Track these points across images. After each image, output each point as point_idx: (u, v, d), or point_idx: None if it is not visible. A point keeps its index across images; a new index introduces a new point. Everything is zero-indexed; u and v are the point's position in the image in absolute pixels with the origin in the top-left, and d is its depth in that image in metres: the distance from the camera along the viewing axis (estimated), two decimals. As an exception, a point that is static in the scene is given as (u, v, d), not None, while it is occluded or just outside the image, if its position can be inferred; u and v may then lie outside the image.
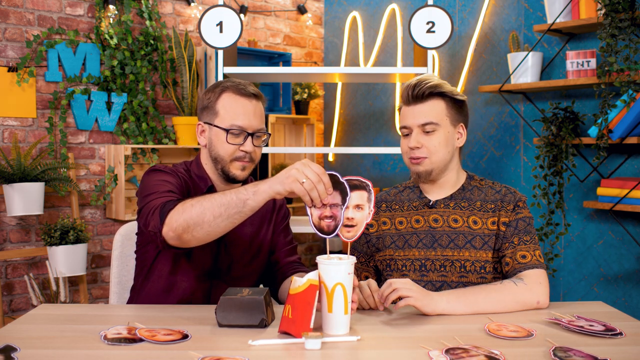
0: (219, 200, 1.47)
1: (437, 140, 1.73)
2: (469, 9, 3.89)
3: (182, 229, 1.49)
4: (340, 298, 1.37)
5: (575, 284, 3.35)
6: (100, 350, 1.29)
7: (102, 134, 3.76)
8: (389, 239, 1.82)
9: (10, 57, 3.43)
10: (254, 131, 1.74)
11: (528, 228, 1.74)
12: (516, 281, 1.63)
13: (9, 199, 3.19)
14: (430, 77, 1.75)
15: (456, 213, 1.77)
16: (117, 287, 1.98)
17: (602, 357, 1.23)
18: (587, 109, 3.26)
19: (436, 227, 1.76)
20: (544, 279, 1.66)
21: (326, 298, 1.38)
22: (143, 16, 3.86)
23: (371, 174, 4.57)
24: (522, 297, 1.60)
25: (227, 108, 1.73)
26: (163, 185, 1.66)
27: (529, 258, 1.70)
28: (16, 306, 3.46)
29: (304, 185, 1.40)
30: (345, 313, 1.39)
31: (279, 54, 4.50)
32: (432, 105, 1.73)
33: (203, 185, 1.78)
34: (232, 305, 1.43)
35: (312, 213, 1.44)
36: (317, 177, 1.40)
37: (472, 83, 3.84)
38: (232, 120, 1.72)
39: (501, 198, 1.77)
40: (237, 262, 1.81)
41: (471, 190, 1.80)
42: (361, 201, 1.43)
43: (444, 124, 1.74)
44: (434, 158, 1.73)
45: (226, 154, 1.73)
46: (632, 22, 2.81)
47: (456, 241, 1.74)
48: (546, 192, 3.20)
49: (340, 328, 1.40)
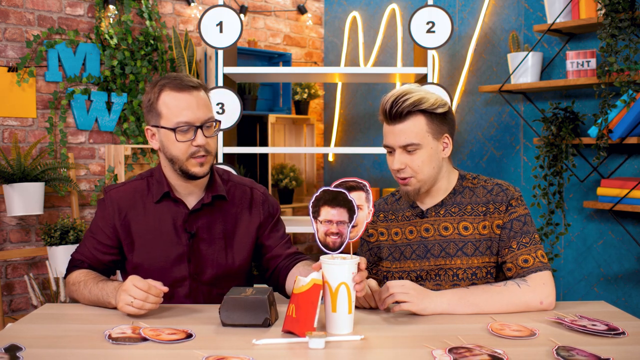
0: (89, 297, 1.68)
1: (420, 160, 1.66)
2: (469, 9, 3.89)
3: (70, 297, 1.79)
4: (345, 297, 1.38)
5: (575, 284, 3.36)
6: (105, 350, 1.29)
7: (102, 134, 3.76)
8: (386, 251, 1.81)
9: (10, 57, 3.43)
10: (202, 123, 1.68)
11: (525, 228, 1.67)
12: (519, 283, 1.61)
13: (9, 199, 3.19)
14: (407, 92, 1.66)
15: (447, 220, 1.73)
16: None
17: (605, 356, 1.23)
18: (587, 109, 3.27)
19: (427, 237, 1.74)
20: (549, 279, 1.62)
21: (330, 298, 1.39)
22: (143, 16, 3.86)
23: (371, 174, 4.57)
24: (524, 299, 1.58)
25: (169, 106, 1.68)
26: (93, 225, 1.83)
27: (531, 262, 1.64)
28: (16, 306, 3.46)
29: (134, 305, 1.51)
30: (349, 313, 1.40)
31: (279, 54, 4.50)
32: (412, 123, 1.65)
33: (159, 191, 1.77)
34: (235, 304, 1.44)
35: (318, 228, 1.44)
36: (143, 294, 1.52)
37: (472, 83, 3.85)
38: (177, 117, 1.67)
39: (492, 199, 1.70)
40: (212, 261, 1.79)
41: (462, 192, 1.75)
42: (360, 202, 1.44)
43: (426, 142, 1.66)
44: (419, 177, 1.68)
45: (180, 153, 1.69)
46: (632, 22, 2.82)
47: (447, 249, 1.71)
48: (546, 192, 3.21)
49: (344, 327, 1.40)
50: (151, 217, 1.77)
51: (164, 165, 1.77)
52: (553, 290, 1.61)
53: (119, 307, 1.54)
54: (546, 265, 1.65)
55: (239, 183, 1.88)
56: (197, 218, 1.78)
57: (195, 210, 1.78)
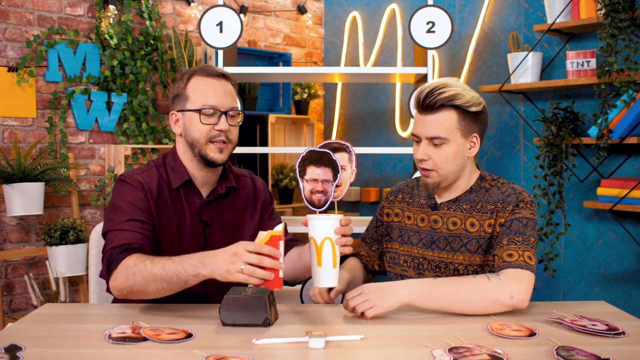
0: (161, 275, 1.50)
1: (444, 155, 1.66)
2: (469, 9, 3.89)
3: (127, 292, 1.56)
4: (329, 252, 1.46)
5: (575, 284, 3.36)
6: (105, 350, 1.29)
7: (102, 134, 3.76)
8: (397, 232, 1.83)
9: (10, 57, 3.43)
10: (227, 109, 1.72)
11: (522, 229, 1.63)
12: (490, 276, 1.55)
13: (9, 199, 3.19)
14: (445, 85, 1.66)
15: (456, 215, 1.72)
16: (96, 287, 1.91)
17: (605, 356, 1.23)
18: (587, 109, 3.27)
19: (436, 228, 1.74)
20: (526, 278, 1.54)
21: (316, 252, 1.47)
22: (143, 16, 3.86)
23: (371, 174, 4.57)
24: (492, 293, 1.51)
25: (196, 90, 1.72)
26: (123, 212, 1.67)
27: (515, 257, 1.59)
28: (16, 306, 3.46)
29: (245, 271, 1.41)
30: (334, 267, 1.47)
31: (279, 54, 4.50)
32: (443, 117, 1.64)
33: (178, 179, 1.76)
34: (235, 304, 1.44)
35: (304, 187, 1.54)
36: (255, 257, 1.41)
37: (472, 83, 3.84)
38: (204, 100, 1.71)
39: (503, 199, 1.68)
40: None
41: (478, 191, 1.73)
42: (343, 162, 1.53)
43: (453, 138, 1.65)
44: (441, 172, 1.68)
45: (201, 136, 1.71)
46: (632, 22, 2.82)
47: (452, 244, 1.71)
48: (546, 192, 3.21)
49: (330, 281, 1.48)
50: (171, 205, 1.76)
51: (183, 153, 1.77)
52: (528, 289, 1.53)
53: (225, 274, 1.43)
54: (529, 266, 1.58)
55: (241, 174, 1.92)
56: (210, 208, 1.79)
57: (209, 202, 1.79)
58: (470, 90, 1.68)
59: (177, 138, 1.79)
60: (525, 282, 1.54)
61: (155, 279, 1.51)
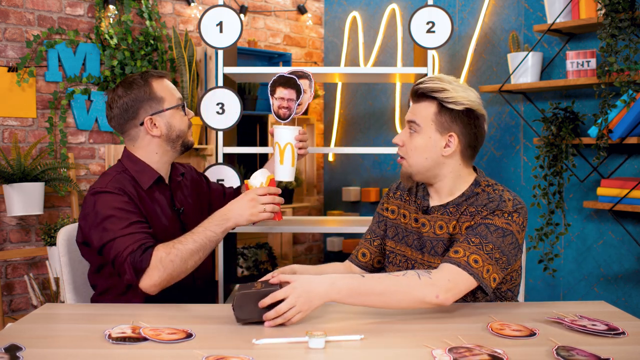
0: (196, 248, 1.69)
1: (414, 144, 1.67)
2: (469, 9, 3.89)
3: (167, 282, 1.67)
4: (289, 154, 1.90)
5: (575, 284, 3.36)
6: (105, 350, 1.29)
7: (102, 134, 3.76)
8: (393, 230, 1.84)
9: (10, 57, 3.43)
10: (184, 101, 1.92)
11: (485, 233, 1.56)
12: (422, 274, 1.50)
13: (9, 199, 3.19)
14: (437, 78, 1.69)
15: (443, 220, 1.70)
16: (72, 294, 1.90)
17: (605, 356, 1.23)
18: (587, 109, 3.27)
19: (424, 232, 1.74)
20: (460, 280, 1.51)
21: (279, 153, 1.89)
22: (143, 16, 3.86)
23: (371, 174, 4.57)
24: (419, 294, 1.47)
25: (165, 91, 1.87)
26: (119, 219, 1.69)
27: (460, 254, 1.54)
28: (16, 306, 3.46)
29: (267, 209, 1.75)
30: (292, 165, 1.90)
31: (279, 54, 4.50)
32: (423, 106, 1.68)
33: (148, 178, 1.85)
34: (249, 299, 1.44)
35: (273, 103, 1.93)
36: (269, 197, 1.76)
37: (472, 83, 3.85)
38: (175, 96, 1.90)
39: (486, 203, 1.63)
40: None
41: (468, 198, 1.68)
42: (305, 87, 1.92)
43: (427, 129, 1.66)
44: (410, 160, 1.69)
45: (185, 126, 1.91)
46: (632, 22, 2.82)
47: (436, 248, 1.70)
48: (546, 192, 3.21)
49: (288, 175, 1.90)
50: (149, 202, 1.85)
51: (155, 153, 1.88)
52: (456, 290, 1.50)
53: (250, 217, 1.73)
54: (471, 268, 1.52)
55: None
56: (177, 196, 1.95)
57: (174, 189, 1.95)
58: (464, 91, 1.66)
59: (149, 142, 1.87)
60: (456, 283, 1.51)
61: (192, 254, 1.68)
